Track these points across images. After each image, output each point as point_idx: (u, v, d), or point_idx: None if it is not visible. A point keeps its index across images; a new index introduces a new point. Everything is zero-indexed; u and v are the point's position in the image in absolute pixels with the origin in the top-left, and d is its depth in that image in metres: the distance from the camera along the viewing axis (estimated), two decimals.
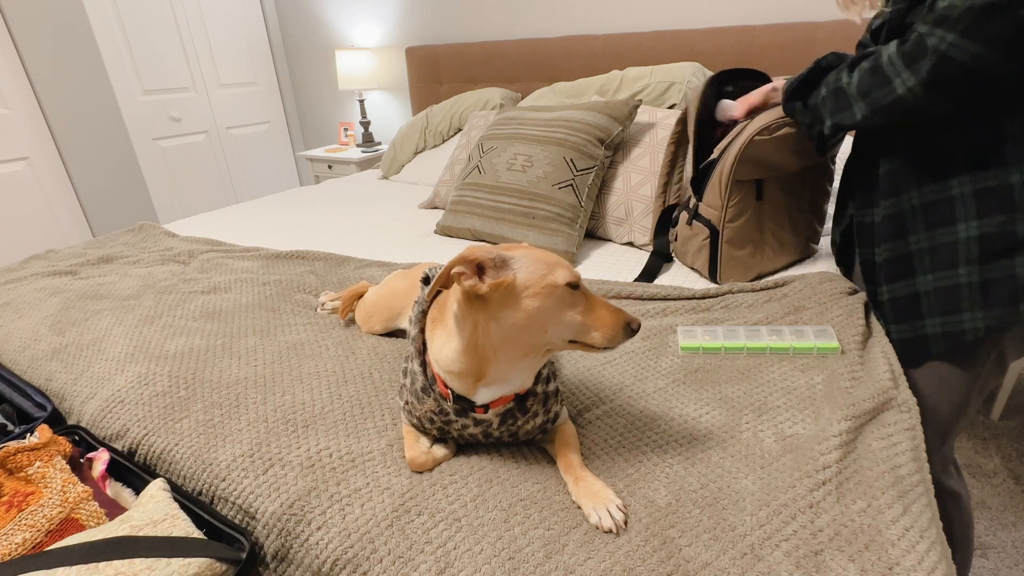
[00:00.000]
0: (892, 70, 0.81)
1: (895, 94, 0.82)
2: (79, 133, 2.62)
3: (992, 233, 0.82)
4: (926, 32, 0.76)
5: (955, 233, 0.85)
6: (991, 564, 1.40)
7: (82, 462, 0.87)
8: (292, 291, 1.36)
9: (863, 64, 0.87)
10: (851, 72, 0.89)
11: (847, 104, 0.90)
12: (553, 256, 0.67)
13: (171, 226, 2.01)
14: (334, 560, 0.67)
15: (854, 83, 0.88)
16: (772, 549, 0.62)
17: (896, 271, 0.94)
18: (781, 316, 1.09)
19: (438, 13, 2.82)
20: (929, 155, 0.86)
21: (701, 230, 1.29)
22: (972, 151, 0.82)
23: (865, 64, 0.87)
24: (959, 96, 0.78)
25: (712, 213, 1.26)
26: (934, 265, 0.88)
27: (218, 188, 3.33)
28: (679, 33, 2.15)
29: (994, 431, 1.83)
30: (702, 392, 0.89)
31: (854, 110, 0.89)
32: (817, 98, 0.97)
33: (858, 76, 0.87)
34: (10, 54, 2.36)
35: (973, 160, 0.82)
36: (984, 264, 0.84)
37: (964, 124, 0.82)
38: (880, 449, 0.74)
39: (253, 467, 0.80)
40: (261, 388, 0.96)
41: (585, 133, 1.58)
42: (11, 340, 1.21)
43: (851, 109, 0.89)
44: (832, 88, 0.93)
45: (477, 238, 1.68)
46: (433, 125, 2.51)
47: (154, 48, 2.89)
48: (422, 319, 0.78)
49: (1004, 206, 0.81)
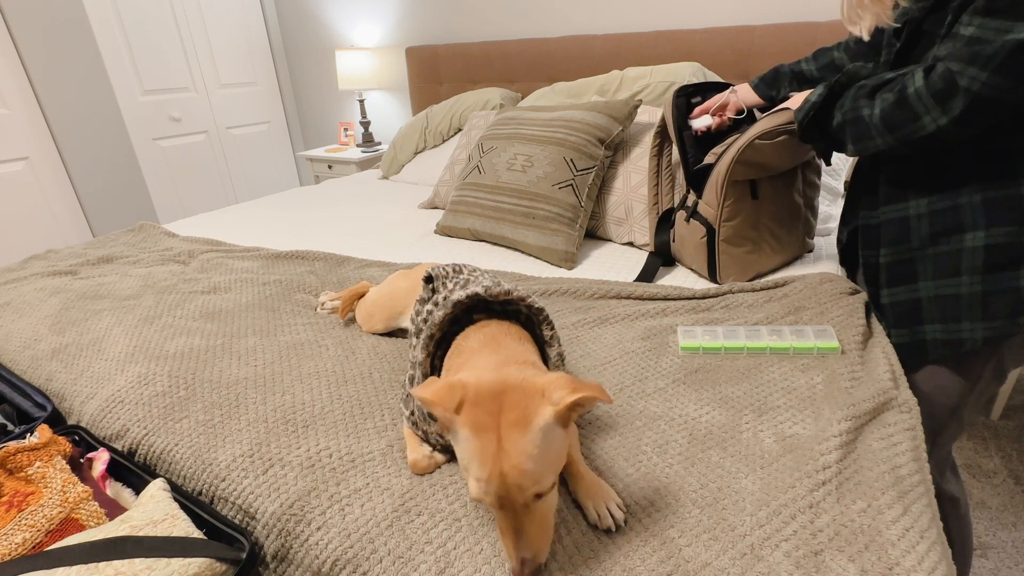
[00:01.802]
0: (921, 106, 0.79)
1: (925, 131, 0.80)
2: (79, 133, 2.62)
3: (998, 244, 0.82)
4: (957, 71, 0.74)
5: (961, 242, 0.85)
6: (991, 564, 1.40)
7: (82, 462, 0.87)
8: (292, 291, 1.36)
9: (885, 95, 0.83)
10: (871, 100, 0.86)
11: (870, 135, 0.87)
12: (486, 454, 0.57)
13: (171, 226, 2.01)
14: (334, 560, 0.67)
15: (876, 115, 0.84)
16: (772, 549, 0.62)
17: (898, 275, 0.93)
18: (781, 316, 1.09)
19: (438, 13, 2.82)
20: (939, 164, 0.86)
21: (698, 228, 1.30)
22: (982, 161, 0.82)
23: (888, 96, 0.83)
24: (987, 126, 0.78)
25: (709, 212, 1.27)
26: (936, 272, 0.88)
27: (218, 188, 3.33)
28: (679, 33, 2.15)
29: (994, 431, 1.83)
30: (702, 392, 0.89)
31: (878, 141, 0.86)
32: (832, 123, 0.93)
33: (881, 108, 0.83)
34: (10, 54, 2.36)
35: (983, 170, 0.82)
36: (987, 275, 0.83)
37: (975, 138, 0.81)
38: (880, 449, 0.74)
39: (253, 467, 0.80)
40: (261, 388, 0.96)
41: (585, 133, 1.58)
42: (11, 340, 1.21)
43: (875, 140, 0.86)
44: (851, 117, 0.89)
45: (477, 238, 1.68)
46: (433, 125, 2.51)
47: (154, 48, 2.89)
48: (429, 344, 0.76)
49: (1012, 217, 0.80)
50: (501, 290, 0.74)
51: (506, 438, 0.56)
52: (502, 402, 0.58)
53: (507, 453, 0.56)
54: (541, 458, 0.56)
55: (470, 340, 0.73)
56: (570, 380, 0.59)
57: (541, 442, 0.56)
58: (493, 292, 0.74)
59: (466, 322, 0.78)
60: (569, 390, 0.57)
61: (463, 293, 0.74)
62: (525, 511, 0.57)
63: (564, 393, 0.57)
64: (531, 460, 0.55)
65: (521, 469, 0.55)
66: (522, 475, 0.55)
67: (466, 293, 0.74)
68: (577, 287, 1.26)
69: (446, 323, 0.77)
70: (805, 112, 0.96)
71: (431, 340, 0.76)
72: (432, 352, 0.77)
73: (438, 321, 0.75)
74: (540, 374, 0.62)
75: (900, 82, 0.82)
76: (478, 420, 0.58)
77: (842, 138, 0.92)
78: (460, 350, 0.73)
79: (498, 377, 0.60)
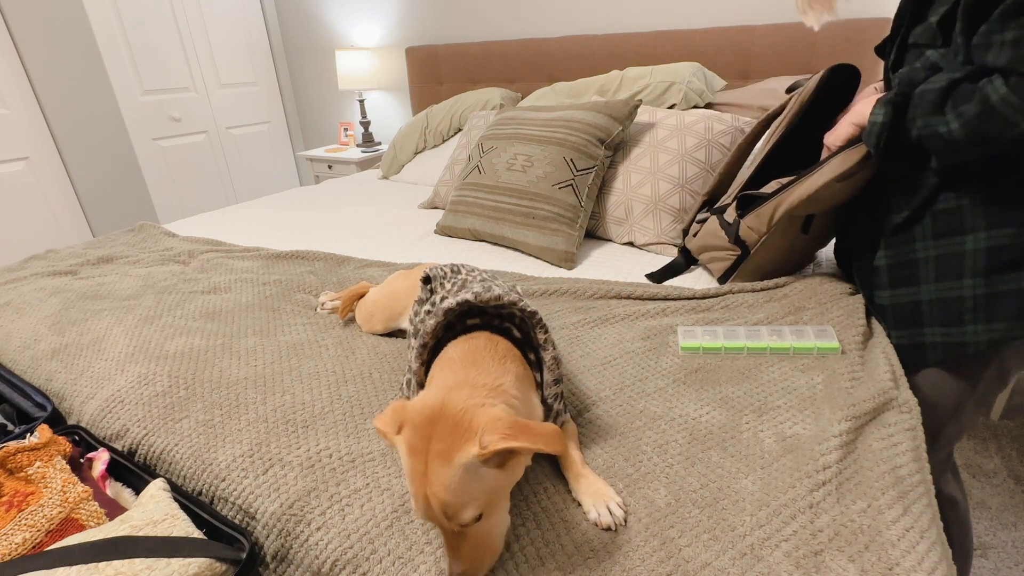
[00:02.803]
0: (1015, 114, 0.72)
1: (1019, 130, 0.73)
2: (79, 133, 2.62)
3: (1001, 246, 0.81)
4: None
5: (962, 244, 0.84)
6: (991, 564, 1.40)
7: (82, 462, 0.87)
8: (292, 291, 1.36)
9: (963, 108, 0.76)
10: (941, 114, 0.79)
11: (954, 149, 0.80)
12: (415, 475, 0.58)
13: (171, 226, 2.00)
14: (334, 560, 0.67)
15: (958, 129, 0.78)
16: (772, 549, 0.62)
17: (900, 277, 0.93)
18: (781, 316, 1.09)
19: (438, 13, 2.82)
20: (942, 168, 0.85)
21: (732, 247, 1.22)
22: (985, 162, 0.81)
23: (969, 108, 0.76)
24: None
25: (750, 236, 1.17)
26: (938, 275, 0.87)
27: (218, 188, 3.33)
28: (679, 33, 2.15)
29: (994, 431, 1.83)
30: (702, 392, 0.89)
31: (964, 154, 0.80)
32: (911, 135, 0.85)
33: (962, 122, 0.77)
34: (10, 54, 2.36)
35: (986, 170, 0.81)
36: (990, 277, 0.83)
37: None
38: (880, 449, 0.74)
39: (253, 467, 0.80)
40: (261, 388, 0.96)
41: (585, 133, 1.58)
42: (11, 340, 1.21)
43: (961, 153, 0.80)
44: (927, 133, 0.82)
45: (477, 238, 1.68)
46: (433, 125, 2.51)
47: (154, 48, 2.89)
48: (423, 353, 0.76)
49: (1014, 219, 0.80)
50: (491, 295, 0.73)
51: (430, 466, 0.57)
52: (434, 430, 0.58)
53: (430, 480, 0.56)
54: (461, 492, 0.56)
55: (452, 352, 0.72)
56: (509, 425, 0.57)
57: (461, 477, 0.56)
58: (483, 298, 0.73)
59: (460, 328, 0.78)
60: (500, 436, 0.55)
61: (453, 301, 0.74)
62: (459, 531, 0.58)
63: (495, 439, 0.55)
64: (449, 492, 0.56)
65: (440, 498, 0.56)
66: (442, 504, 0.56)
67: (456, 300, 0.73)
68: (577, 287, 1.26)
69: (439, 330, 0.76)
70: (877, 136, 0.88)
71: (424, 349, 0.76)
72: (427, 360, 0.77)
73: (430, 329, 0.75)
74: (489, 407, 0.60)
75: (978, 91, 0.75)
76: (412, 443, 0.59)
77: (928, 150, 0.85)
78: (442, 362, 0.72)
79: (441, 402, 0.60)
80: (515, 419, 0.58)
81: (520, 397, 0.66)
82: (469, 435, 0.57)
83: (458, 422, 0.58)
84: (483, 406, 0.60)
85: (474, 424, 0.58)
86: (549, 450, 0.56)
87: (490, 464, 0.57)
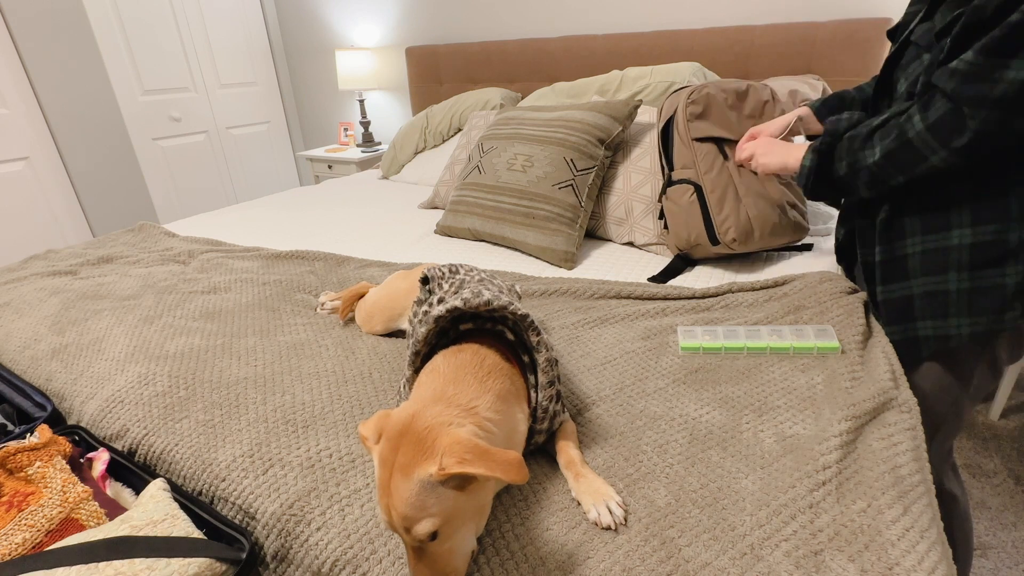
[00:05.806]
0: (927, 148, 0.80)
1: (929, 163, 0.82)
2: (79, 133, 2.62)
3: (984, 241, 0.83)
4: (968, 114, 0.74)
5: (948, 239, 0.86)
6: (991, 564, 1.40)
7: (82, 462, 0.87)
8: (292, 291, 1.36)
9: (885, 142, 0.85)
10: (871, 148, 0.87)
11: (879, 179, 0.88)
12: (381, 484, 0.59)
13: (171, 226, 2.00)
14: (334, 560, 0.67)
15: (879, 161, 0.86)
16: (772, 549, 0.62)
17: (892, 273, 0.95)
18: (781, 316, 1.09)
19: (438, 13, 2.82)
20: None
21: (684, 189, 1.33)
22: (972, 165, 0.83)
23: (888, 142, 0.84)
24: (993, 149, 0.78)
25: (687, 172, 1.30)
26: (925, 269, 0.90)
27: (218, 188, 3.32)
28: (679, 33, 2.15)
29: (994, 431, 1.83)
30: (702, 392, 0.89)
31: (891, 182, 0.88)
32: (837, 175, 0.94)
33: (883, 153, 0.85)
34: (10, 54, 2.36)
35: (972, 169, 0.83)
36: (974, 271, 0.85)
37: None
38: (880, 449, 0.74)
39: (253, 467, 0.80)
40: (261, 388, 0.96)
41: (585, 133, 1.58)
42: (11, 340, 1.21)
43: (887, 183, 0.88)
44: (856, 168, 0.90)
45: (477, 238, 1.68)
46: (433, 125, 2.51)
47: (154, 48, 2.89)
48: (415, 360, 0.77)
49: (999, 215, 0.82)
50: (481, 301, 0.73)
51: (393, 478, 0.58)
52: (401, 443, 0.59)
53: (391, 492, 0.58)
54: (418, 508, 0.56)
55: (439, 362, 0.72)
56: (468, 449, 0.57)
57: (419, 492, 0.56)
58: (472, 304, 0.73)
59: (454, 333, 0.78)
60: (456, 460, 0.56)
61: (443, 308, 0.74)
62: (419, 546, 0.58)
63: (451, 462, 0.56)
64: (406, 506, 0.56)
65: (399, 511, 0.57)
66: (400, 517, 0.56)
67: (445, 308, 0.74)
68: (577, 287, 1.26)
69: (432, 337, 0.77)
70: (806, 178, 0.98)
71: (417, 356, 0.77)
72: (419, 367, 0.77)
73: (421, 338, 0.75)
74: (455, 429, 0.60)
75: (897, 125, 0.83)
76: (383, 453, 0.60)
77: (854, 185, 0.93)
78: (427, 372, 0.72)
79: (412, 416, 0.61)
80: (476, 444, 0.58)
81: (496, 419, 0.66)
82: (430, 453, 0.57)
83: (423, 439, 0.59)
84: (450, 425, 0.61)
85: (437, 443, 0.58)
86: (508, 479, 0.55)
87: (448, 485, 0.57)
